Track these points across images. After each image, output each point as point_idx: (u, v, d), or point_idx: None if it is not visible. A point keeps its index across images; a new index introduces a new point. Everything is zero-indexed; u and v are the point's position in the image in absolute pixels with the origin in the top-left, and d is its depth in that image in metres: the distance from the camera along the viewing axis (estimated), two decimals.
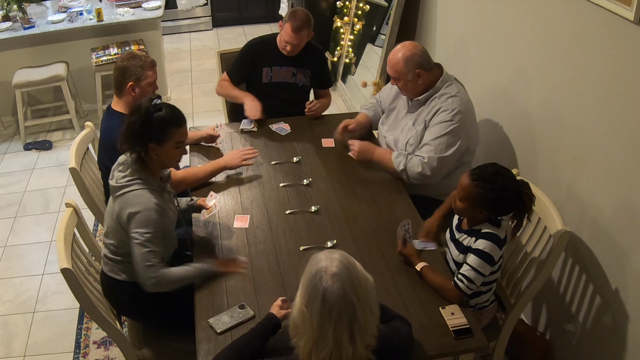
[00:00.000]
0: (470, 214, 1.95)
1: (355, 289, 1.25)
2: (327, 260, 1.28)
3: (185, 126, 1.96)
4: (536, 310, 2.66)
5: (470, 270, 1.89)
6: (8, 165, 4.18)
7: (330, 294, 1.23)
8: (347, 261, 1.29)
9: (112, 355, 2.67)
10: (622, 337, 2.08)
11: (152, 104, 1.88)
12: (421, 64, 2.40)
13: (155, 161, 1.93)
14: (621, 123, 1.99)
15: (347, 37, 4.64)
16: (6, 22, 4.28)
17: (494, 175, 1.86)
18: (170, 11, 6.16)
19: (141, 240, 1.87)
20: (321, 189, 2.47)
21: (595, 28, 2.08)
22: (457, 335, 1.77)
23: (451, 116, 2.38)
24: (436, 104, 2.43)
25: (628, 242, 2.01)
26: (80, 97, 4.75)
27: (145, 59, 2.40)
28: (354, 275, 1.26)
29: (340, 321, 1.23)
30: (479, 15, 3.06)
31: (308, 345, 1.26)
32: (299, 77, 3.02)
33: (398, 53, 2.42)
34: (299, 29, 2.79)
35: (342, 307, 1.23)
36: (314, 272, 1.27)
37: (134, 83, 2.37)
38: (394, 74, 2.45)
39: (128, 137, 1.90)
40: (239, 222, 2.29)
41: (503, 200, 1.86)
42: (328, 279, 1.24)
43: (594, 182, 2.17)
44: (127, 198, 1.90)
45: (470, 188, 1.87)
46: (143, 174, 1.93)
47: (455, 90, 2.43)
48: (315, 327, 1.24)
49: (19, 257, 3.31)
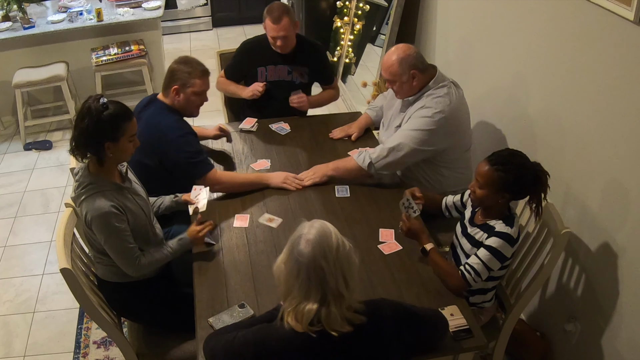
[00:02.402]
0: (492, 201, 1.93)
1: (324, 254, 1.39)
2: (307, 227, 1.44)
3: (134, 119, 1.96)
4: (536, 310, 2.66)
5: (479, 263, 1.91)
6: (8, 165, 4.18)
7: (301, 256, 1.39)
8: (324, 231, 1.43)
9: (112, 355, 2.67)
10: (622, 337, 2.08)
11: (100, 104, 1.87)
12: (416, 65, 2.39)
13: (111, 159, 1.93)
14: (621, 123, 1.99)
15: (347, 37, 4.64)
16: (6, 22, 4.28)
17: (511, 157, 1.91)
18: (170, 11, 6.17)
19: (109, 244, 1.93)
20: (321, 189, 2.47)
21: (595, 28, 2.08)
22: (456, 336, 1.77)
23: (432, 113, 2.36)
24: (423, 102, 2.41)
25: (628, 241, 2.01)
26: (80, 97, 4.75)
27: (196, 67, 2.37)
28: (325, 243, 1.40)
29: (309, 280, 1.39)
30: (479, 15, 3.06)
31: (283, 295, 1.46)
32: (295, 75, 3.01)
33: (392, 55, 2.42)
34: (279, 19, 2.77)
35: (310, 269, 1.38)
36: (296, 236, 1.44)
37: (178, 88, 2.35)
38: (389, 76, 2.44)
39: (82, 142, 1.88)
40: (239, 221, 2.29)
41: (523, 179, 1.89)
42: (303, 243, 1.40)
43: (594, 183, 2.17)
44: (84, 206, 1.91)
45: (490, 173, 1.89)
46: (94, 177, 1.92)
47: (445, 91, 2.40)
48: (289, 283, 1.42)
49: (19, 257, 3.31)
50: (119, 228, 1.91)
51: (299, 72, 3.01)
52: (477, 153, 2.92)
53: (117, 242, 1.94)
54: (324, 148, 2.77)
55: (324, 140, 2.83)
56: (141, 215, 2.02)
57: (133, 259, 1.97)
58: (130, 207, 1.97)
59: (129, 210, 1.96)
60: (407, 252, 2.12)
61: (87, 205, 1.90)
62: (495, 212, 1.97)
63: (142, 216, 2.03)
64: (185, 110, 2.44)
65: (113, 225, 1.90)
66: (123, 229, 1.93)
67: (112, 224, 1.90)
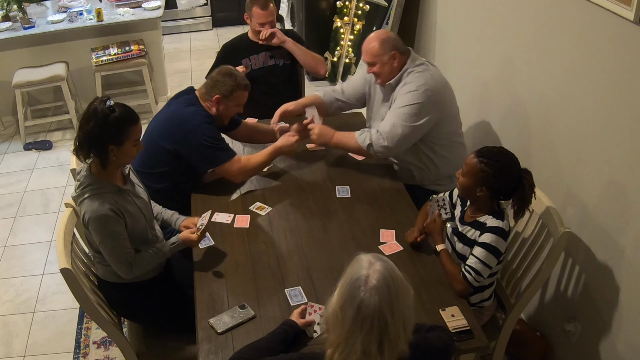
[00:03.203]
0: (471, 192, 1.95)
1: (391, 306, 1.26)
2: (369, 269, 1.28)
3: (140, 123, 1.96)
4: (536, 310, 2.66)
5: (477, 262, 1.92)
6: (8, 165, 4.18)
7: (367, 307, 1.24)
8: (389, 275, 1.29)
9: (112, 355, 2.67)
10: (622, 337, 2.08)
11: (107, 107, 1.86)
12: (396, 46, 2.44)
13: (114, 162, 1.93)
14: (621, 123, 1.99)
15: (347, 37, 4.64)
16: (6, 22, 4.28)
17: (498, 154, 1.93)
18: (170, 11, 6.16)
19: (103, 245, 1.93)
20: (321, 189, 2.47)
21: (595, 28, 2.08)
22: (457, 337, 1.77)
23: (416, 87, 2.38)
24: (404, 81, 2.44)
25: (628, 242, 2.01)
26: (80, 97, 4.75)
27: (241, 81, 2.42)
28: (392, 292, 1.27)
29: (371, 333, 1.25)
30: (478, 15, 3.06)
31: (334, 343, 1.29)
32: (277, 58, 3.14)
33: (372, 38, 2.46)
34: (266, 5, 2.96)
35: (374, 320, 1.24)
36: (355, 278, 1.28)
37: (220, 97, 2.39)
38: (369, 58, 2.46)
39: (87, 143, 1.88)
40: (239, 222, 2.29)
41: (503, 178, 1.89)
42: (367, 290, 1.25)
43: (594, 182, 2.17)
44: (83, 206, 1.91)
45: (474, 163, 1.92)
46: (95, 178, 1.92)
47: (423, 67, 2.44)
48: (345, 331, 1.27)
49: (19, 257, 3.31)
50: (115, 231, 1.91)
51: (280, 54, 3.14)
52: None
53: (112, 245, 1.93)
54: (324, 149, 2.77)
55: None
56: (140, 218, 2.02)
57: (126, 263, 1.96)
58: (130, 210, 1.96)
59: (128, 213, 1.95)
60: (408, 253, 2.12)
61: (86, 206, 1.90)
62: (483, 207, 1.99)
63: (141, 219, 2.02)
64: (220, 119, 2.47)
65: (109, 228, 1.90)
66: (119, 232, 1.92)
67: (108, 227, 1.90)
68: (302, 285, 1.97)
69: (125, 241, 1.96)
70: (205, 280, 2.02)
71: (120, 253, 1.95)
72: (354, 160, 2.66)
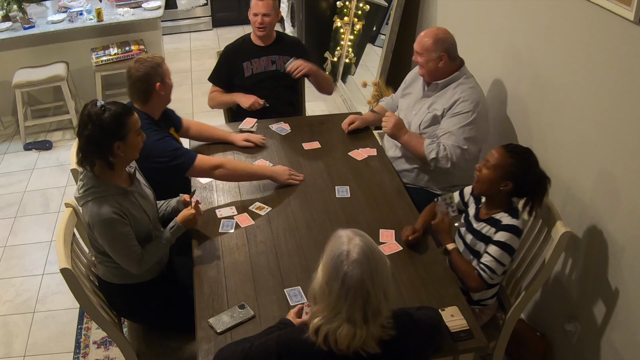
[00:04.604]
0: (494, 185, 1.96)
1: (372, 276, 1.36)
2: (349, 244, 1.39)
3: (135, 114, 1.96)
4: (536, 310, 2.66)
5: (492, 260, 1.94)
6: (8, 165, 4.18)
7: (350, 279, 1.35)
8: (368, 248, 1.39)
9: (112, 355, 2.67)
10: (622, 337, 2.08)
11: (99, 107, 1.86)
12: (448, 50, 2.47)
13: (122, 159, 1.93)
14: (621, 123, 1.99)
15: (347, 37, 4.63)
16: (6, 22, 4.28)
17: (527, 153, 1.97)
18: (170, 11, 6.17)
19: (111, 248, 1.94)
20: (321, 189, 2.47)
21: (595, 28, 2.08)
22: (456, 337, 1.77)
23: (472, 107, 2.45)
24: (455, 92, 2.49)
25: (628, 242, 2.01)
26: (80, 97, 4.75)
27: (153, 58, 2.35)
28: (372, 264, 1.37)
29: (355, 302, 1.36)
30: (478, 15, 3.06)
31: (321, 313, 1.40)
32: (279, 64, 3.11)
33: (432, 32, 2.50)
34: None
35: (358, 291, 1.35)
36: (337, 254, 1.39)
37: (161, 83, 2.35)
38: (419, 49, 2.50)
39: (91, 149, 1.87)
40: (239, 221, 2.29)
41: (529, 176, 1.93)
42: (349, 264, 1.36)
43: (594, 183, 2.17)
44: (86, 209, 1.91)
45: (503, 156, 1.93)
46: (98, 181, 1.92)
47: (474, 82, 2.52)
48: (332, 302, 1.38)
49: (19, 257, 3.31)
50: (121, 233, 1.91)
51: (282, 61, 3.11)
52: None
53: (119, 247, 1.94)
54: (324, 148, 2.77)
55: (324, 141, 2.83)
56: (144, 219, 2.02)
57: (135, 261, 1.97)
58: (133, 212, 1.96)
59: (132, 215, 1.96)
60: (408, 253, 2.12)
61: (90, 210, 1.89)
62: (498, 204, 2.00)
63: (145, 220, 2.03)
64: (166, 101, 2.45)
65: (115, 231, 1.90)
66: (125, 233, 1.92)
67: (114, 230, 1.90)
68: (301, 285, 1.97)
69: (132, 240, 1.95)
70: (204, 280, 2.02)
71: (128, 253, 1.95)
72: (354, 161, 2.66)
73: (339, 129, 2.90)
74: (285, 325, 1.66)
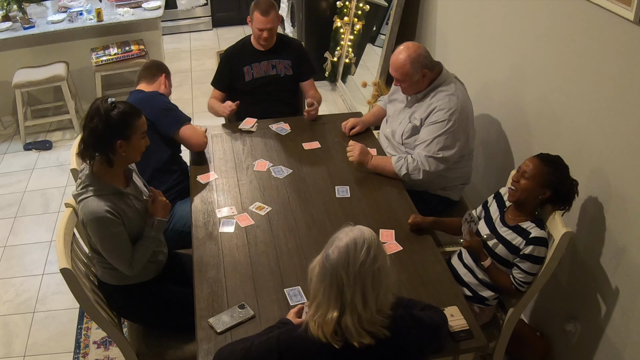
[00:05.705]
0: (532, 195, 1.99)
1: (347, 267, 1.36)
2: (343, 232, 1.42)
3: (143, 117, 1.97)
4: (536, 310, 2.66)
5: (527, 276, 2.02)
6: (8, 165, 4.18)
7: (326, 260, 1.39)
8: (360, 242, 1.38)
9: (112, 355, 2.67)
10: (622, 337, 2.08)
11: (109, 103, 1.88)
12: (426, 65, 2.44)
13: (122, 158, 1.94)
14: (621, 123, 1.99)
15: (347, 37, 4.63)
16: (6, 22, 4.28)
17: (559, 161, 2.00)
18: (170, 11, 6.16)
19: (102, 246, 1.94)
20: (321, 189, 2.47)
21: (595, 28, 2.08)
22: (456, 337, 1.77)
23: (448, 115, 2.41)
24: (432, 102, 2.46)
25: (628, 242, 2.01)
26: (80, 97, 4.75)
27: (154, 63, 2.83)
28: (352, 256, 1.37)
29: (331, 288, 1.38)
30: (478, 15, 3.06)
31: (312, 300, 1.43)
32: (279, 68, 3.11)
33: (401, 55, 2.43)
34: (268, 12, 2.93)
35: (333, 276, 1.38)
36: (333, 238, 1.42)
37: (165, 76, 2.77)
38: (399, 76, 2.46)
39: (93, 142, 1.88)
40: (239, 221, 2.29)
41: (564, 185, 1.97)
42: (333, 247, 1.39)
43: (594, 183, 2.17)
44: (81, 206, 1.92)
45: (541, 166, 1.97)
46: (95, 179, 1.92)
47: (453, 89, 2.46)
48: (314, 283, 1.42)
49: (19, 257, 3.31)
50: (113, 232, 1.91)
51: (283, 65, 3.11)
52: (477, 151, 2.93)
53: (110, 246, 1.94)
54: (324, 148, 2.77)
55: (324, 141, 2.83)
56: (137, 220, 2.02)
57: (127, 263, 1.97)
58: (128, 214, 1.96)
59: (126, 216, 1.96)
60: (408, 253, 2.12)
61: (84, 207, 1.90)
62: (528, 211, 2.04)
63: (139, 223, 2.03)
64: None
65: (107, 229, 1.90)
66: (118, 233, 1.92)
67: (106, 228, 1.90)
68: (301, 285, 1.97)
69: (124, 241, 1.95)
70: (204, 280, 2.02)
71: (119, 254, 1.95)
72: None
73: (339, 129, 2.90)
74: (285, 325, 1.66)
